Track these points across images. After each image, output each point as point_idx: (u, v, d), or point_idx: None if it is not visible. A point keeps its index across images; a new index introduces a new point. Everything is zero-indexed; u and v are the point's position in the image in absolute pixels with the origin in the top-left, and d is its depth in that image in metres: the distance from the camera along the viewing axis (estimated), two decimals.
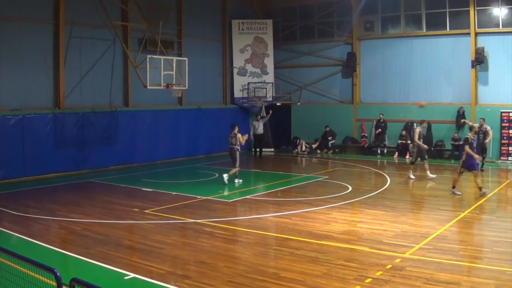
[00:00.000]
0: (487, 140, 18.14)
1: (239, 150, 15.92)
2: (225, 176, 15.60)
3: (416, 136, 16.32)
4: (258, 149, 23.17)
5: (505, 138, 20.13)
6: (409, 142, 21.57)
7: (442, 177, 17.54)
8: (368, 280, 7.07)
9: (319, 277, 7.23)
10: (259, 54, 25.67)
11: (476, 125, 15.94)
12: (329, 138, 23.97)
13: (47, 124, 17.10)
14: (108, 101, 19.62)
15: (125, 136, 19.70)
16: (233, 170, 15.86)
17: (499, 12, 20.24)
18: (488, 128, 18.12)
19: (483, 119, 18.48)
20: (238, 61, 25.47)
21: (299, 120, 25.64)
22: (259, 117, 22.37)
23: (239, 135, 15.73)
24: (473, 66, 20.63)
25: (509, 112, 19.98)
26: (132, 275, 7.41)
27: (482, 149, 17.68)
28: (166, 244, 9.10)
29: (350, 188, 14.67)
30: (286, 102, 25.93)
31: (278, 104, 25.70)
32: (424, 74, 22.18)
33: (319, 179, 16.69)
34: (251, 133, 22.77)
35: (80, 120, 18.12)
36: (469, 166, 13.43)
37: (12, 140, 16.06)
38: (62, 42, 17.70)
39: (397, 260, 7.92)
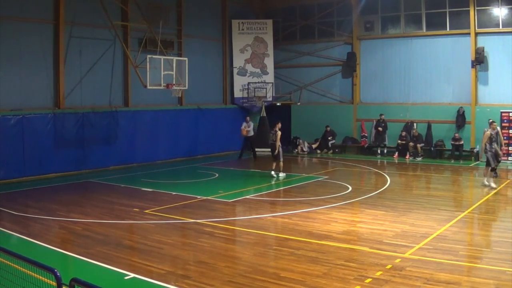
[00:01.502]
0: (503, 146, 15.98)
1: (280, 145, 16.95)
2: (273, 173, 16.88)
3: (485, 140, 14.84)
4: (249, 151, 22.36)
5: (505, 138, 20.09)
6: (411, 143, 21.63)
7: (442, 177, 17.58)
8: (368, 280, 7.07)
9: (319, 277, 7.23)
10: (259, 54, 25.67)
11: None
12: (329, 138, 23.97)
13: (47, 124, 17.09)
14: (108, 101, 19.63)
15: (125, 136, 19.69)
16: (279, 165, 16.92)
17: (499, 12, 20.24)
18: (499, 129, 16.35)
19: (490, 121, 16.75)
20: (238, 61, 25.46)
21: (299, 120, 25.64)
22: (248, 118, 22.06)
23: (279, 133, 16.91)
24: (473, 66, 20.64)
25: (509, 112, 20.00)
26: (132, 275, 7.41)
27: (496, 154, 15.45)
28: (166, 244, 9.10)
29: (350, 188, 14.67)
30: (286, 102, 25.92)
31: (278, 104, 25.70)
32: (424, 74, 22.18)
33: (319, 179, 16.68)
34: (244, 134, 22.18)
35: (80, 120, 18.12)
36: None
37: (12, 140, 16.05)
38: (62, 42, 17.69)
39: (397, 260, 7.92)
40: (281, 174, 16.88)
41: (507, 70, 20.00)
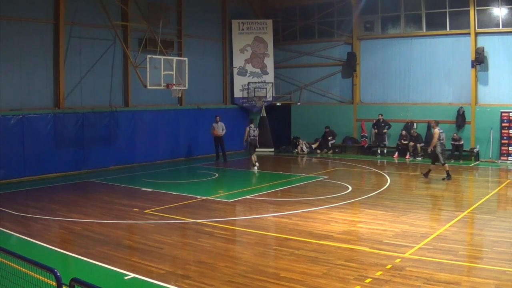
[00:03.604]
0: (431, 147, 16.08)
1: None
2: (256, 168, 18.65)
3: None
4: (220, 153, 21.58)
5: (505, 138, 20.12)
6: (411, 143, 21.61)
7: (441, 177, 17.55)
8: (368, 280, 7.07)
9: (319, 277, 7.23)
10: (259, 54, 25.67)
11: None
12: (329, 138, 23.97)
13: (47, 124, 17.09)
14: (108, 101, 19.62)
15: (125, 136, 19.69)
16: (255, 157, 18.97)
17: (499, 12, 20.24)
18: (436, 131, 15.92)
19: (434, 121, 16.78)
20: (238, 61, 25.46)
21: (299, 120, 25.64)
22: (218, 118, 21.74)
23: (256, 129, 19.14)
24: (473, 66, 20.63)
25: (509, 112, 19.98)
26: (132, 275, 7.41)
27: (444, 151, 16.25)
28: (166, 244, 9.10)
29: (350, 188, 14.67)
30: (286, 102, 25.92)
31: (278, 104, 25.70)
32: (424, 74, 22.18)
33: (319, 179, 16.68)
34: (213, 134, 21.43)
35: (80, 120, 18.11)
36: None
37: (12, 140, 16.05)
38: (62, 42, 17.69)
39: (397, 260, 7.92)
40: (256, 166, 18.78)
41: (507, 70, 20.00)
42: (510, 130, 20.04)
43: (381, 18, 23.30)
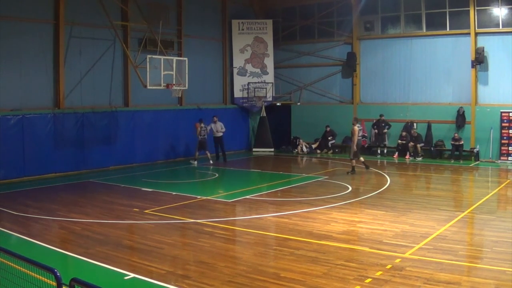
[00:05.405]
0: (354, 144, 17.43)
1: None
2: (212, 161, 20.22)
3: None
4: (220, 153, 21.56)
5: (505, 138, 20.13)
6: (411, 143, 21.61)
7: (442, 177, 17.58)
8: (368, 280, 7.07)
9: (319, 277, 7.23)
10: (259, 54, 25.67)
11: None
12: (329, 138, 23.97)
13: (47, 124, 17.09)
14: (108, 101, 19.62)
15: (125, 136, 19.69)
16: (209, 155, 20.36)
17: (499, 12, 20.24)
18: (355, 128, 17.34)
19: (354, 119, 18.40)
20: (238, 61, 25.46)
21: (299, 120, 25.64)
22: (216, 118, 21.83)
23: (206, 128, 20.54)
24: (473, 66, 20.63)
25: (509, 112, 19.98)
26: (132, 275, 7.41)
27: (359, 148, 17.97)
28: (166, 244, 9.10)
29: (350, 188, 14.67)
30: (286, 102, 25.92)
31: (278, 104, 25.70)
32: (424, 74, 22.17)
33: (319, 179, 16.68)
34: (213, 135, 21.37)
35: (80, 120, 18.12)
36: None
37: (12, 140, 16.05)
38: (62, 42, 17.69)
39: (397, 260, 7.92)
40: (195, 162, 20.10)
41: (507, 70, 20.00)
42: (510, 130, 20.04)
43: (381, 18, 23.30)
